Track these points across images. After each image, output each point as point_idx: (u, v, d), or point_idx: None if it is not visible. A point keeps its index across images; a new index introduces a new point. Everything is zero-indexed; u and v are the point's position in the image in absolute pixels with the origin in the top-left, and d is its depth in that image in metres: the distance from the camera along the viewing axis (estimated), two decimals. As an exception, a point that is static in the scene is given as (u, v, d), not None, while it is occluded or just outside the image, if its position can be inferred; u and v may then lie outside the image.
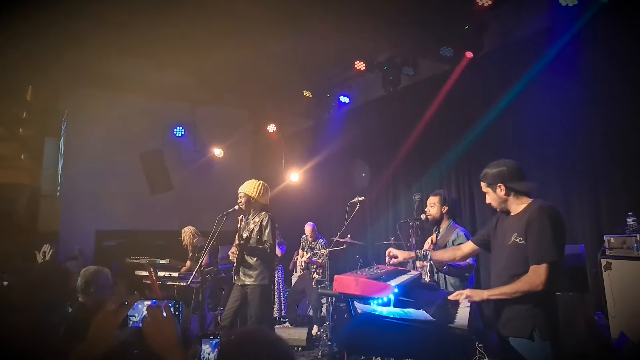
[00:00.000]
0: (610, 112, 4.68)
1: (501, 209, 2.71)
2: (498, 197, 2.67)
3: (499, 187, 2.64)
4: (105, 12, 5.79)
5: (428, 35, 5.94)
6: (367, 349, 2.82)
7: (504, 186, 2.63)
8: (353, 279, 2.70)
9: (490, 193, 2.70)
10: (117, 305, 1.63)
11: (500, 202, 2.68)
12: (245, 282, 4.68)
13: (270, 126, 9.11)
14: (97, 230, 8.63)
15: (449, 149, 6.33)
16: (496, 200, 2.69)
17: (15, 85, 7.90)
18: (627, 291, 3.82)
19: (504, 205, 2.68)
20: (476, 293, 2.56)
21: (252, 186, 4.82)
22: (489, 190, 2.70)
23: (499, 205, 2.70)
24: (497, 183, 2.64)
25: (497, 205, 2.71)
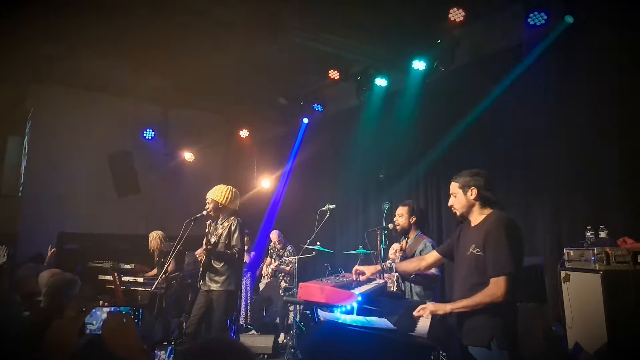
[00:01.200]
0: (573, 128, 4.87)
1: (462, 214, 2.75)
2: (466, 201, 2.71)
3: (471, 190, 2.69)
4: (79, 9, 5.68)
5: (401, 48, 6.05)
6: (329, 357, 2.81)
7: (476, 191, 2.68)
8: (318, 286, 2.72)
9: (459, 195, 2.74)
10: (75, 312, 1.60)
11: (465, 206, 2.72)
12: (211, 288, 4.61)
13: (242, 131, 9.07)
14: (60, 232, 8.37)
15: (418, 159, 6.45)
16: (461, 203, 2.73)
17: (-23, 82, 7.63)
18: (584, 302, 3.94)
19: (466, 210, 2.73)
20: (439, 307, 2.58)
21: (219, 192, 4.77)
22: (459, 192, 2.74)
23: (462, 209, 2.74)
24: (471, 186, 2.69)
25: (460, 208, 2.74)
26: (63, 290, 3.04)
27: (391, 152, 6.81)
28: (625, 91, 4.45)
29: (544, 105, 5.10)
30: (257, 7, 5.48)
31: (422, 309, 2.59)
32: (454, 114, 5.98)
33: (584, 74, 4.76)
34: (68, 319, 1.61)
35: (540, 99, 5.11)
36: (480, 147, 5.68)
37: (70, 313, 1.63)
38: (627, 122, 4.45)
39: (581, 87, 4.79)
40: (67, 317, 1.61)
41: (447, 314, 2.57)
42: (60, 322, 1.60)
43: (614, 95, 4.56)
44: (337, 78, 6.71)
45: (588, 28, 4.71)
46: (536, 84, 5.12)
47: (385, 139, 6.87)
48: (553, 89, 5.03)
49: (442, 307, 2.57)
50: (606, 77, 4.60)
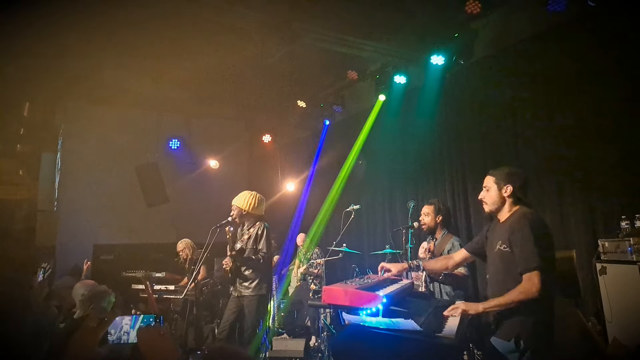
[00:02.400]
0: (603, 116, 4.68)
1: (491, 210, 2.72)
2: (498, 197, 2.68)
3: (506, 187, 2.66)
4: (100, 25, 5.83)
5: (419, 44, 5.97)
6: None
7: (511, 189, 2.64)
8: (342, 289, 2.70)
9: (493, 190, 2.70)
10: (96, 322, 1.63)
11: (496, 202, 2.69)
12: (243, 293, 4.68)
13: (265, 136, 9.14)
14: (95, 244, 8.62)
15: (443, 156, 6.35)
16: (493, 199, 2.70)
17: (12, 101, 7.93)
18: (623, 295, 3.79)
19: (497, 206, 2.69)
20: (471, 307, 2.56)
21: (243, 199, 4.82)
22: (494, 186, 2.70)
23: (493, 205, 2.70)
24: (507, 184, 2.66)
25: (491, 203, 2.71)
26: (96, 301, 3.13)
27: (414, 150, 6.72)
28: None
29: (571, 93, 4.92)
30: (270, 12, 5.51)
31: (454, 308, 2.57)
32: (477, 108, 5.85)
33: (611, 59, 4.57)
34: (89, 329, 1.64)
35: (567, 88, 4.94)
36: (506, 140, 5.52)
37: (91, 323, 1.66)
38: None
39: (609, 72, 4.60)
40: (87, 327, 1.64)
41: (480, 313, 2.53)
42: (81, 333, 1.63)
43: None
44: (355, 78, 6.68)
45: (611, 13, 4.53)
46: (561, 72, 4.95)
47: (408, 137, 6.79)
48: (579, 76, 4.84)
49: (474, 307, 2.55)
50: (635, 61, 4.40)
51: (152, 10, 5.51)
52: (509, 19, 5.51)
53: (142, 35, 6.10)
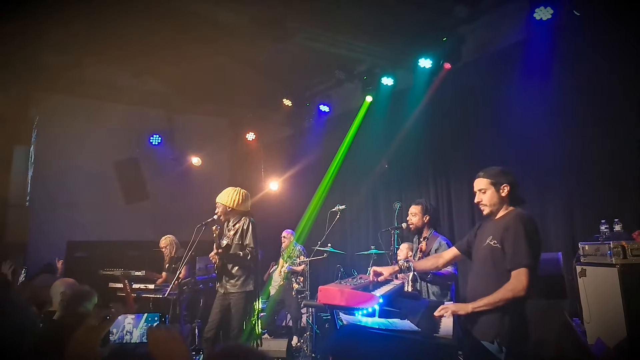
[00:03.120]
0: (584, 122, 4.82)
1: (492, 210, 2.71)
2: (497, 197, 2.68)
3: (503, 187, 2.67)
4: (80, 18, 5.68)
5: (407, 46, 6.03)
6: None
7: (509, 188, 2.66)
8: (338, 289, 2.69)
9: (491, 192, 2.70)
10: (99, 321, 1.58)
11: (497, 203, 2.69)
12: (229, 290, 4.59)
13: (249, 134, 9.06)
14: (69, 241, 8.37)
15: (427, 157, 6.42)
16: (493, 200, 2.69)
17: (-17, 92, 7.65)
18: (601, 297, 3.89)
19: (497, 207, 2.70)
20: (461, 307, 2.57)
21: (227, 195, 4.74)
22: (491, 188, 2.70)
23: (494, 206, 2.70)
24: (504, 183, 2.67)
25: (492, 204, 2.70)
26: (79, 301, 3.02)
27: (400, 151, 6.78)
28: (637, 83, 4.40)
29: (554, 99, 5.04)
30: (259, 9, 5.47)
31: (444, 309, 2.58)
32: (462, 112, 5.94)
33: (593, 68, 4.71)
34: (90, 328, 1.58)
35: (550, 94, 5.06)
36: (489, 144, 5.63)
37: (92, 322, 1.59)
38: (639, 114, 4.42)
39: (591, 80, 4.74)
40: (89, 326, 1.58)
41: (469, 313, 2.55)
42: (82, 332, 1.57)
43: (625, 88, 4.51)
44: (342, 78, 6.69)
45: (596, 21, 4.67)
46: (544, 79, 5.07)
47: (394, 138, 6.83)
48: (562, 83, 4.97)
49: (464, 307, 2.56)
50: (616, 70, 4.55)
51: (137, 3, 5.40)
52: (496, 24, 5.61)
53: (125, 28, 5.97)
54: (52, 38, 6.20)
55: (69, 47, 6.54)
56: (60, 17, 5.67)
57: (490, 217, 2.74)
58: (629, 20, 4.40)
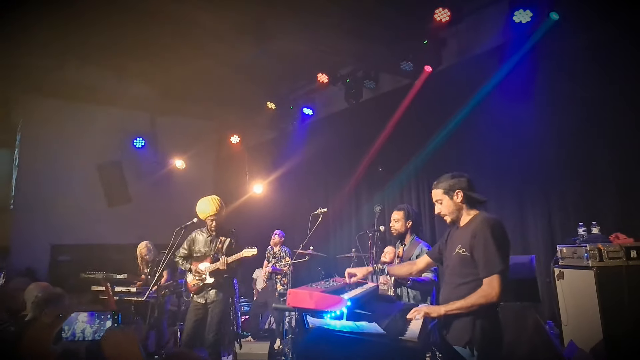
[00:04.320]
0: (562, 125, 4.86)
1: (453, 218, 2.73)
2: (454, 205, 2.69)
3: (457, 193, 2.67)
4: (63, 20, 5.65)
5: (389, 50, 6.04)
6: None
7: (462, 193, 2.67)
8: (307, 292, 2.68)
9: (446, 200, 2.71)
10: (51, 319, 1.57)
11: (454, 211, 2.70)
12: (212, 299, 4.66)
13: (233, 137, 9.03)
14: (53, 244, 8.30)
15: (410, 160, 6.44)
16: (450, 209, 2.70)
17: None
18: (579, 300, 3.91)
19: (457, 214, 2.71)
20: (433, 310, 2.58)
21: (212, 205, 4.72)
22: (445, 197, 2.71)
23: (453, 214, 2.71)
24: (456, 189, 2.67)
25: (450, 212, 2.72)
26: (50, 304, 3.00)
27: (382, 154, 6.79)
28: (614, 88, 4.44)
29: (533, 103, 5.08)
30: (242, 12, 5.46)
31: (416, 311, 2.59)
32: (444, 115, 5.95)
33: (571, 71, 4.75)
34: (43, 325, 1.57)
35: (528, 97, 5.09)
36: (469, 147, 5.67)
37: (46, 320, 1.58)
38: (617, 118, 4.45)
39: (569, 84, 4.78)
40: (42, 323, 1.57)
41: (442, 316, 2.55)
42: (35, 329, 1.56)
43: (602, 91, 4.55)
44: (325, 81, 6.69)
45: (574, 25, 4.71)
46: (523, 83, 5.10)
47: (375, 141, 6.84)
48: (541, 87, 5.01)
49: (436, 310, 2.57)
50: (594, 74, 4.59)
51: (120, 6, 5.38)
52: (476, 28, 5.64)
53: (107, 31, 5.96)
54: (36, 40, 6.15)
55: (53, 50, 6.50)
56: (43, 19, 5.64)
57: (456, 224, 2.75)
58: (607, 22, 4.45)
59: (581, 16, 4.66)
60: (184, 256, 4.88)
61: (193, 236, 4.88)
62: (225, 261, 4.60)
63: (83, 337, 1.80)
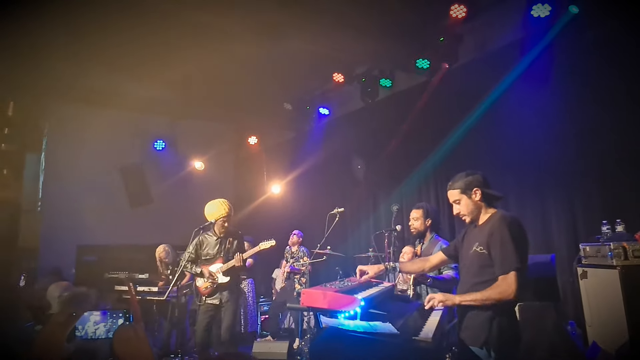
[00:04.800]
0: (583, 121, 4.74)
1: (472, 217, 2.69)
2: (472, 203, 2.65)
3: (474, 192, 2.64)
4: (87, 26, 5.79)
5: (404, 48, 6.00)
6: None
7: (480, 191, 2.63)
8: (321, 292, 2.68)
9: (464, 200, 2.67)
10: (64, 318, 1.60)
11: (473, 210, 2.67)
12: (222, 299, 4.72)
13: (251, 138, 9.10)
14: (79, 245, 8.52)
15: (427, 158, 6.38)
16: (469, 208, 2.67)
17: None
18: (603, 300, 3.82)
19: (476, 212, 2.67)
20: (448, 297, 2.57)
21: (223, 208, 4.78)
22: (463, 196, 2.68)
23: (472, 213, 2.68)
24: (473, 188, 2.64)
25: (469, 212, 2.68)
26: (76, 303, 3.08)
27: (399, 153, 6.74)
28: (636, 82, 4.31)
29: (553, 99, 4.97)
30: (257, 15, 5.50)
31: (432, 298, 2.58)
32: (461, 112, 5.89)
33: (592, 66, 4.63)
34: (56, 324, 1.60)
35: (549, 93, 4.99)
36: (488, 144, 5.59)
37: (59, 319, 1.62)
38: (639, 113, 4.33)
39: (590, 79, 4.67)
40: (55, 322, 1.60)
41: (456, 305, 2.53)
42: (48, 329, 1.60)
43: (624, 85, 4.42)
44: (341, 81, 6.69)
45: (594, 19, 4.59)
46: (542, 77, 5.00)
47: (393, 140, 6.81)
48: (561, 81, 4.90)
49: (451, 298, 2.56)
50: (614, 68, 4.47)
51: (139, 12, 5.47)
52: (493, 23, 5.56)
53: (129, 37, 6.05)
54: (60, 47, 6.32)
55: (76, 56, 6.66)
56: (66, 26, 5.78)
57: (474, 223, 2.71)
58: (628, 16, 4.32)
59: (601, 8, 4.54)
60: (191, 260, 4.84)
61: (200, 239, 4.86)
62: (240, 258, 4.64)
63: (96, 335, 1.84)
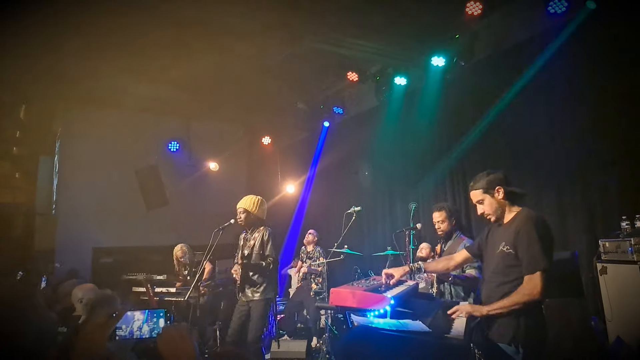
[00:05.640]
0: (601, 117, 4.71)
1: (497, 216, 2.67)
2: (496, 202, 2.64)
3: (497, 191, 2.63)
4: (98, 28, 5.82)
5: (419, 45, 6.00)
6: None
7: (502, 189, 2.62)
8: (349, 291, 2.71)
9: (488, 199, 2.66)
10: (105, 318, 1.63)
11: (497, 209, 2.65)
12: (251, 298, 4.75)
13: (265, 138, 9.14)
14: (94, 247, 8.59)
15: (443, 157, 6.37)
16: (493, 207, 2.65)
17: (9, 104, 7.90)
18: (623, 295, 3.80)
19: (500, 211, 2.65)
20: (476, 309, 2.56)
21: (250, 201, 4.88)
22: (486, 196, 2.66)
23: (496, 212, 2.66)
24: (496, 187, 2.63)
25: (494, 211, 2.66)
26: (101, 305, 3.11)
27: (415, 151, 6.74)
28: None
29: (570, 94, 4.95)
30: (270, 15, 5.52)
31: (459, 310, 2.57)
32: (477, 110, 5.87)
33: (608, 61, 4.60)
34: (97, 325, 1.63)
35: (565, 89, 4.97)
36: (504, 141, 5.56)
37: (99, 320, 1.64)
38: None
39: (608, 74, 4.63)
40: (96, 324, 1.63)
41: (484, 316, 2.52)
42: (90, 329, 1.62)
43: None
44: (355, 80, 6.70)
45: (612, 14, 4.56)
46: (559, 74, 4.99)
47: (408, 138, 6.81)
48: (577, 77, 4.87)
49: (479, 310, 2.54)
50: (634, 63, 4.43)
51: (152, 12, 5.50)
52: (509, 20, 5.53)
53: (142, 37, 6.09)
54: (73, 50, 6.36)
55: (88, 58, 6.71)
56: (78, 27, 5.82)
57: (499, 222, 2.70)
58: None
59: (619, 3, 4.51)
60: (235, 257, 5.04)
61: (239, 237, 5.08)
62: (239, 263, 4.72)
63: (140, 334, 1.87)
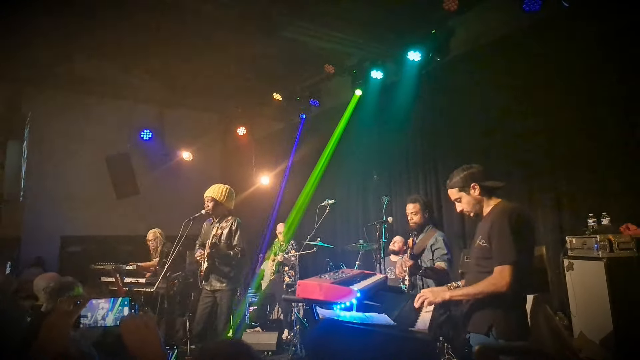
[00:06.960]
0: (571, 113, 4.79)
1: (476, 211, 2.67)
2: (473, 199, 2.64)
3: (472, 187, 2.62)
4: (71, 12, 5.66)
5: (397, 39, 6.00)
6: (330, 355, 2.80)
7: (478, 185, 2.61)
8: (317, 284, 2.69)
9: (464, 197, 2.66)
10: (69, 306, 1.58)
11: (475, 205, 2.65)
12: (216, 287, 4.70)
13: (240, 129, 9.03)
14: (62, 235, 8.38)
15: (417, 151, 6.41)
16: (471, 203, 2.65)
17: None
18: (589, 291, 3.89)
19: (478, 207, 2.65)
20: (437, 294, 2.53)
21: (218, 190, 4.84)
22: (462, 194, 2.66)
23: (474, 208, 2.66)
24: (471, 184, 2.63)
25: (471, 208, 2.66)
26: (63, 293, 3.04)
27: (389, 145, 6.76)
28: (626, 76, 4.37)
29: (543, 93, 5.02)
30: (248, 4, 5.43)
31: (420, 297, 2.55)
32: (451, 105, 5.92)
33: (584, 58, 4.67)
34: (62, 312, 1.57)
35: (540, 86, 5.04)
36: (476, 136, 5.63)
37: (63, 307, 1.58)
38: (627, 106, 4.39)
39: (580, 72, 4.71)
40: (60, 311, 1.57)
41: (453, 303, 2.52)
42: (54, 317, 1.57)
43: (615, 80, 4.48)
44: (332, 72, 6.67)
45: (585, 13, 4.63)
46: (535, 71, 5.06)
47: (383, 132, 6.82)
48: (551, 75, 4.95)
49: (441, 295, 2.52)
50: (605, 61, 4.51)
51: (126, 0, 5.38)
52: (485, 17, 5.57)
53: (115, 24, 5.95)
54: (44, 34, 6.17)
55: (61, 43, 6.52)
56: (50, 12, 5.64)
57: (479, 217, 2.69)
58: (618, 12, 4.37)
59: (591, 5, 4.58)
60: (198, 245, 5.00)
61: (203, 226, 5.02)
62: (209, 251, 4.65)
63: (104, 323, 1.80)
